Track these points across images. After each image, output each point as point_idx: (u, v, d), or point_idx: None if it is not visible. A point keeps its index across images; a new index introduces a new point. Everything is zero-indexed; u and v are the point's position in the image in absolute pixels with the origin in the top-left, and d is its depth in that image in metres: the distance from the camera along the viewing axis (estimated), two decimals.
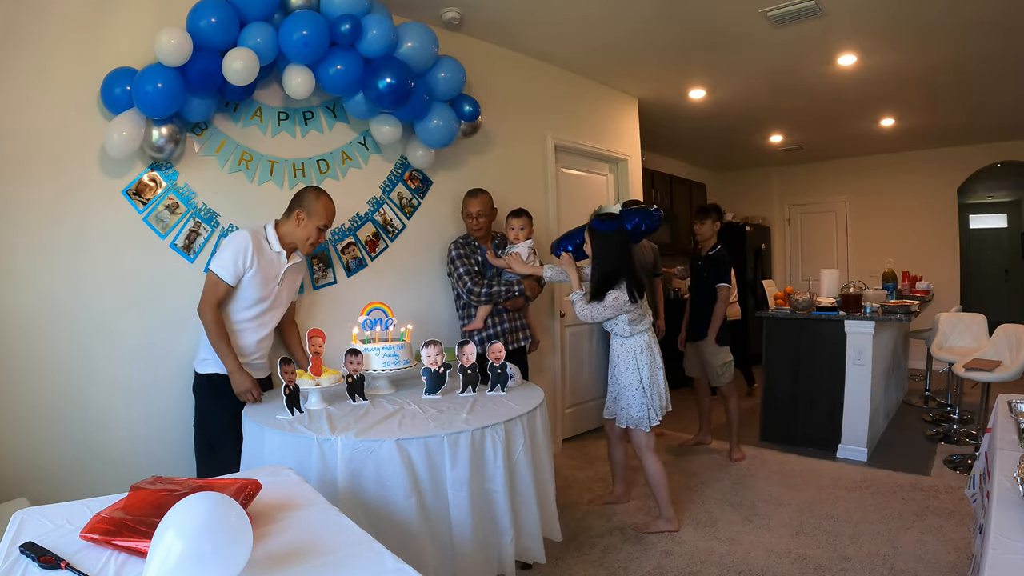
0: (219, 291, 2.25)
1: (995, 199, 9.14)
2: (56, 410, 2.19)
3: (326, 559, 1.05)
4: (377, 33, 2.61)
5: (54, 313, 2.19)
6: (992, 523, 1.19)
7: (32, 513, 1.23)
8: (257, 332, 2.39)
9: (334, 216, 2.48)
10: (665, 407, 2.84)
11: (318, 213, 2.39)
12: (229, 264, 2.24)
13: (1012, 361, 3.63)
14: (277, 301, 2.43)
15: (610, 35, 3.67)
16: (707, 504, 3.15)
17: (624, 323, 2.76)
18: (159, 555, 0.87)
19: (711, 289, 3.83)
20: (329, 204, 2.44)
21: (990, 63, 4.11)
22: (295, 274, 2.52)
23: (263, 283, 2.33)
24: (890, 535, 2.74)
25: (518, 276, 3.10)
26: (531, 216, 3.29)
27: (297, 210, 2.38)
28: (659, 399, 2.80)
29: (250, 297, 2.32)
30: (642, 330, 2.80)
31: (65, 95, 2.21)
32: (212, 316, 2.23)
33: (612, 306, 2.68)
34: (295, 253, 2.46)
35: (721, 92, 4.80)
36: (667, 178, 6.61)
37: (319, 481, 1.76)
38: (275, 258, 2.37)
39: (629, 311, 2.73)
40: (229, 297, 2.30)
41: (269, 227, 2.41)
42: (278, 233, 2.40)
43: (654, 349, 2.83)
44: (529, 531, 2.08)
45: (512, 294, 3.10)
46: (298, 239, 2.41)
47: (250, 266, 2.27)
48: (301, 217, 2.38)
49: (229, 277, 2.24)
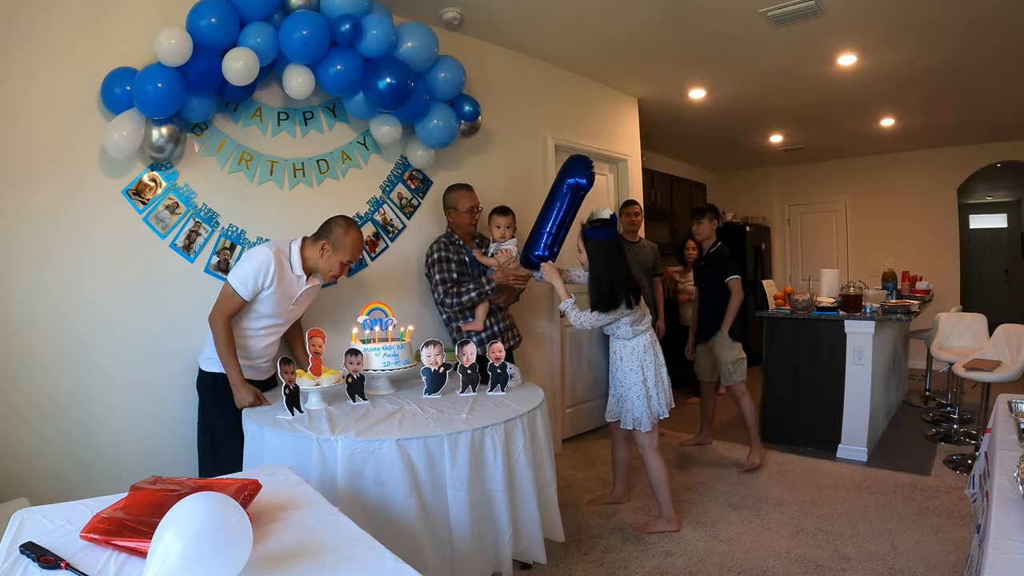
0: (233, 304, 2.23)
1: (995, 199, 9.14)
2: (56, 410, 2.19)
3: (326, 559, 1.05)
4: (377, 33, 2.61)
5: (54, 313, 2.19)
6: (992, 523, 1.19)
7: (32, 513, 1.23)
8: (265, 340, 2.41)
9: (361, 252, 2.45)
10: (670, 403, 2.85)
11: (345, 248, 2.34)
12: (249, 280, 2.22)
13: (1012, 361, 3.63)
14: (289, 317, 2.45)
15: (610, 35, 3.67)
16: (707, 504, 3.15)
17: (626, 325, 2.76)
18: (159, 555, 0.87)
19: (719, 286, 3.77)
20: (358, 240, 2.40)
21: (990, 63, 4.11)
22: (310, 294, 2.50)
23: (279, 303, 2.33)
24: (890, 535, 2.74)
25: (487, 274, 3.04)
26: (515, 214, 3.24)
27: (323, 241, 2.34)
28: (664, 396, 2.82)
29: (264, 312, 2.33)
30: (643, 330, 2.80)
31: (65, 95, 2.21)
32: (223, 328, 2.21)
33: (610, 314, 2.69)
34: (315, 275, 2.43)
35: (721, 92, 4.80)
36: (667, 178, 6.60)
37: (319, 481, 1.76)
38: (294, 280, 2.35)
39: (628, 314, 2.73)
40: (242, 309, 2.29)
41: (295, 246, 2.35)
42: (302, 256, 2.35)
43: (656, 348, 2.84)
44: (529, 531, 2.09)
45: (484, 294, 2.98)
46: (320, 269, 2.38)
47: (268, 285, 2.25)
48: (327, 248, 2.34)
49: (246, 293, 2.23)
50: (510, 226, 3.15)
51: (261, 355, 2.42)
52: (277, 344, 2.50)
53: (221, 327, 2.21)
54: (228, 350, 2.22)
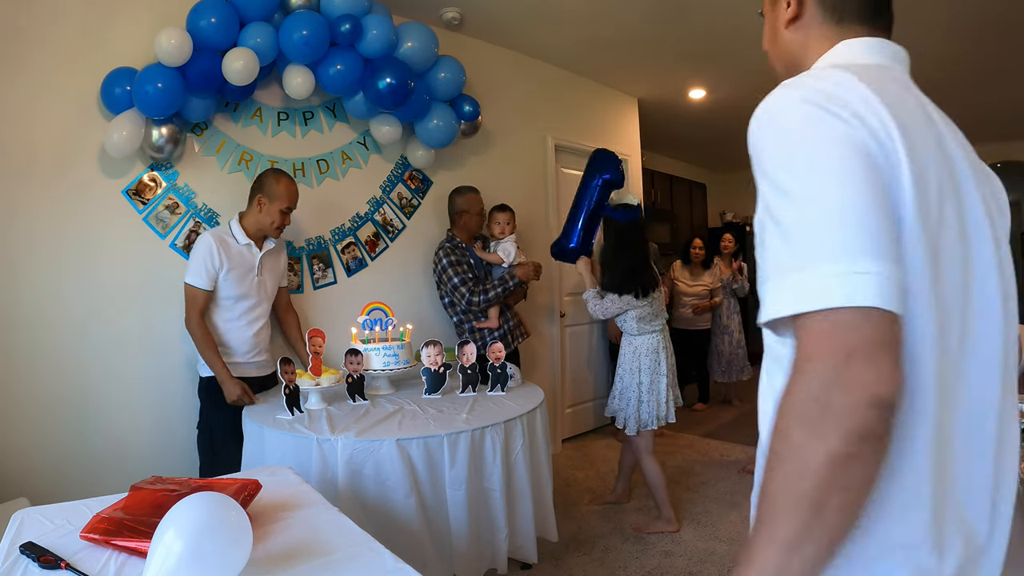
0: (199, 300, 2.24)
1: None
2: (57, 410, 2.19)
3: (326, 559, 1.05)
4: (377, 33, 2.61)
5: (55, 313, 2.19)
6: None
7: (32, 513, 1.23)
8: (250, 328, 2.37)
9: (297, 197, 2.41)
10: (665, 416, 2.79)
11: (280, 195, 2.33)
12: (200, 268, 2.22)
13: None
14: (261, 293, 2.40)
15: (610, 35, 3.67)
16: (707, 504, 3.15)
17: (632, 320, 2.77)
18: (159, 555, 0.87)
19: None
20: (290, 185, 2.38)
21: (990, 63, 4.11)
22: (275, 260, 2.47)
23: (240, 278, 2.31)
24: None
25: (506, 270, 3.08)
26: (514, 211, 3.27)
27: (258, 195, 2.33)
28: (657, 407, 2.76)
29: (231, 295, 2.30)
30: (652, 331, 2.78)
31: (65, 95, 2.22)
32: (198, 327, 2.23)
33: (618, 303, 2.72)
34: (267, 240, 2.41)
35: (721, 92, 4.80)
36: (667, 178, 6.61)
37: (319, 481, 1.76)
38: (244, 251, 2.33)
39: (636, 307, 2.73)
40: (212, 302, 2.29)
41: (232, 222, 2.36)
42: (242, 225, 2.35)
43: (661, 355, 2.79)
44: (523, 530, 2.09)
45: (509, 289, 3.04)
46: (264, 225, 2.35)
47: (220, 265, 2.25)
48: (263, 202, 2.33)
49: (204, 282, 2.23)
50: (509, 223, 3.18)
51: (252, 347, 2.38)
52: (267, 332, 2.46)
53: (196, 327, 2.23)
54: (208, 347, 2.23)
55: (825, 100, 0.58)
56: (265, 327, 2.45)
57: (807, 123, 0.58)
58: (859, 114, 0.57)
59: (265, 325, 2.45)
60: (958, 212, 0.61)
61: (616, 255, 2.75)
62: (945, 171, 0.61)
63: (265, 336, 2.46)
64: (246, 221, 2.36)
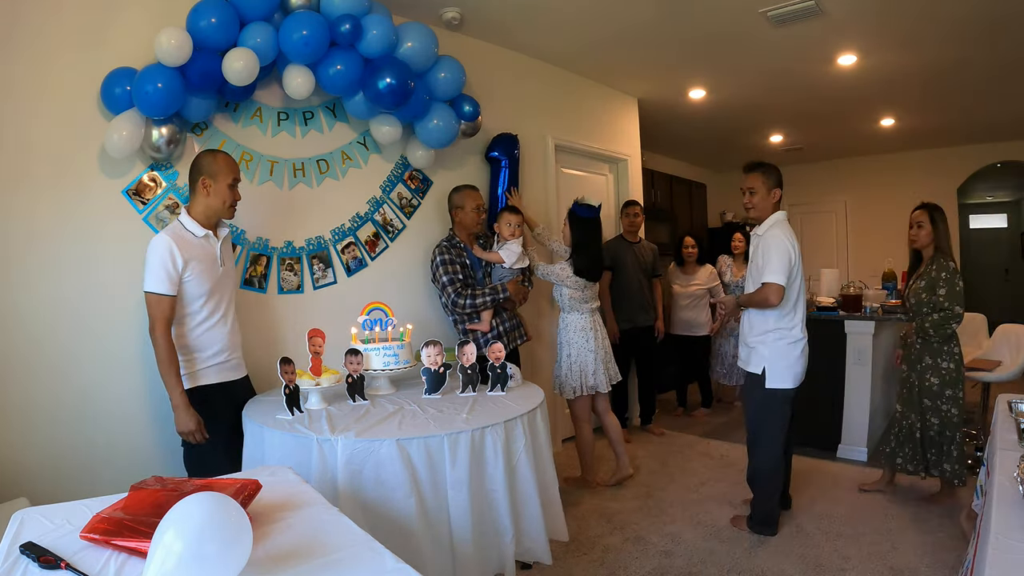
0: (164, 308, 2.04)
1: (995, 199, 9.13)
2: (57, 410, 2.19)
3: (326, 559, 1.05)
4: (377, 33, 2.61)
5: (55, 313, 2.19)
6: (992, 523, 1.19)
7: (32, 513, 1.23)
8: (223, 326, 2.25)
9: (238, 167, 2.29)
10: (593, 386, 3.23)
11: (222, 170, 2.18)
12: (161, 273, 2.03)
13: (1012, 361, 3.63)
14: (225, 283, 2.28)
15: (610, 35, 3.67)
16: (707, 504, 3.16)
17: (565, 297, 3.24)
18: (159, 555, 0.87)
19: None
20: (228, 157, 2.24)
21: (990, 63, 4.11)
22: (228, 246, 2.35)
23: (205, 273, 2.15)
24: (890, 535, 2.74)
25: (506, 277, 3.12)
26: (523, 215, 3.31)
27: (200, 178, 2.16)
28: (582, 376, 3.22)
29: (200, 293, 2.14)
30: (581, 311, 3.24)
31: (65, 95, 2.21)
32: (163, 340, 2.03)
33: (557, 272, 3.20)
34: (220, 228, 2.27)
35: (721, 92, 4.80)
36: (667, 178, 6.61)
37: (319, 481, 1.76)
38: (204, 243, 2.17)
39: (570, 286, 3.18)
40: (180, 308, 2.11)
41: (183, 217, 2.18)
42: (193, 217, 2.17)
43: (589, 334, 3.22)
44: (532, 532, 2.08)
45: (498, 300, 3.03)
46: (216, 207, 2.19)
47: (183, 265, 2.07)
48: (208, 184, 2.15)
49: (168, 287, 2.04)
50: (520, 225, 3.19)
51: (227, 347, 2.26)
52: (238, 331, 2.34)
53: (161, 340, 2.03)
54: (169, 366, 2.04)
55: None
56: (236, 324, 2.34)
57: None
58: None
59: (235, 322, 2.34)
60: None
61: (579, 242, 3.22)
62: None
63: (239, 336, 2.35)
64: (195, 211, 2.18)
